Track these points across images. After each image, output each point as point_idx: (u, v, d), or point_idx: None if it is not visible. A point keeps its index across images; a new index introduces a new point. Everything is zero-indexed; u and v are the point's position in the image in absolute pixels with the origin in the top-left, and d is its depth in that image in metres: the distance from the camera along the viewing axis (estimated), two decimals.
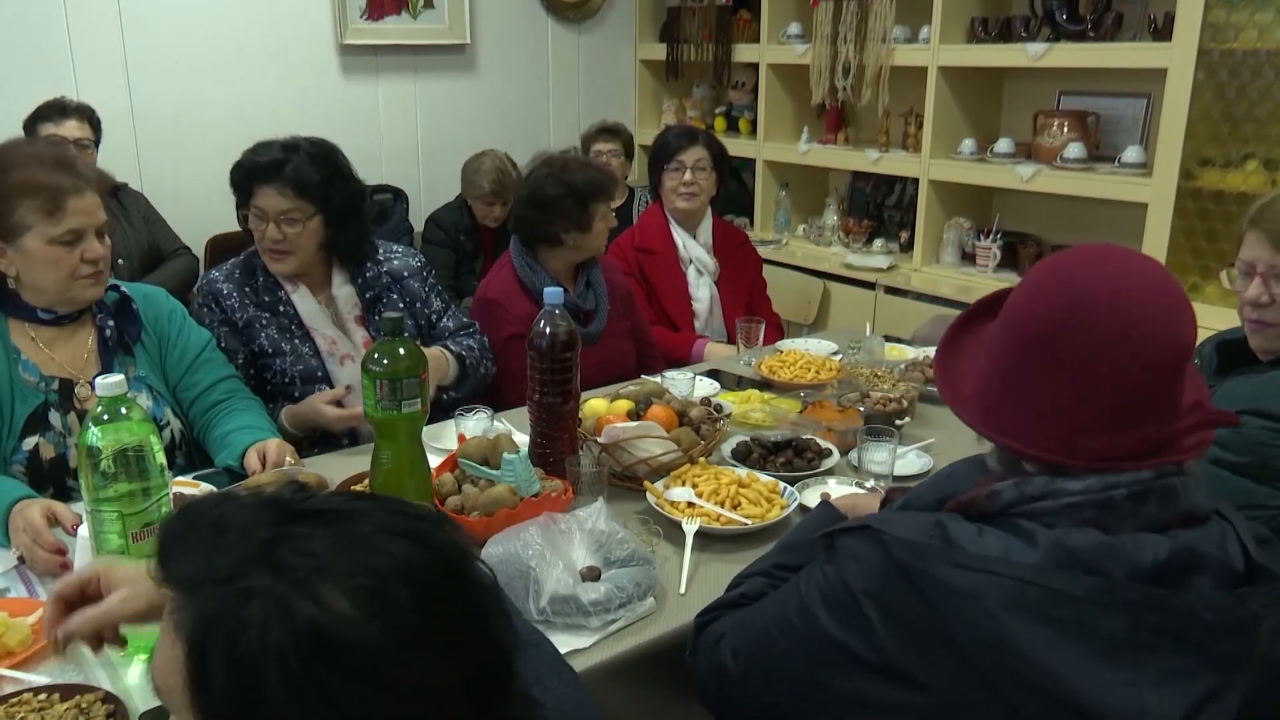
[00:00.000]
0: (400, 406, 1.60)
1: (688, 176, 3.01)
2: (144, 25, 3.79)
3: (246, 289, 2.23)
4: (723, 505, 1.74)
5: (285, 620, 0.66)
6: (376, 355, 1.60)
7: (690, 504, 1.74)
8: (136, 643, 1.36)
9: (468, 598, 0.74)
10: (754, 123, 4.64)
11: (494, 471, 1.69)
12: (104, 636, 1.09)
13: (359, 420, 2.09)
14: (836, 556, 1.11)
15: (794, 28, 4.34)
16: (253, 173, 2.13)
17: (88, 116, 3.53)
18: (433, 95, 4.47)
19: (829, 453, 1.99)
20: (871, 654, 1.04)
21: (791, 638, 1.13)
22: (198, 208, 3.76)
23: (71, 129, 3.46)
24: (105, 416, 1.30)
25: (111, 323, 1.92)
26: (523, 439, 1.93)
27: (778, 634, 1.16)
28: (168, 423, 1.97)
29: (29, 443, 1.81)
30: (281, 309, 2.23)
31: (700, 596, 1.54)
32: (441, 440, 2.03)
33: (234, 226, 3.85)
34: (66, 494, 1.83)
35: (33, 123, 3.47)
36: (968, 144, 3.75)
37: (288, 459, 1.81)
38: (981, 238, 3.79)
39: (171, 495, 1.43)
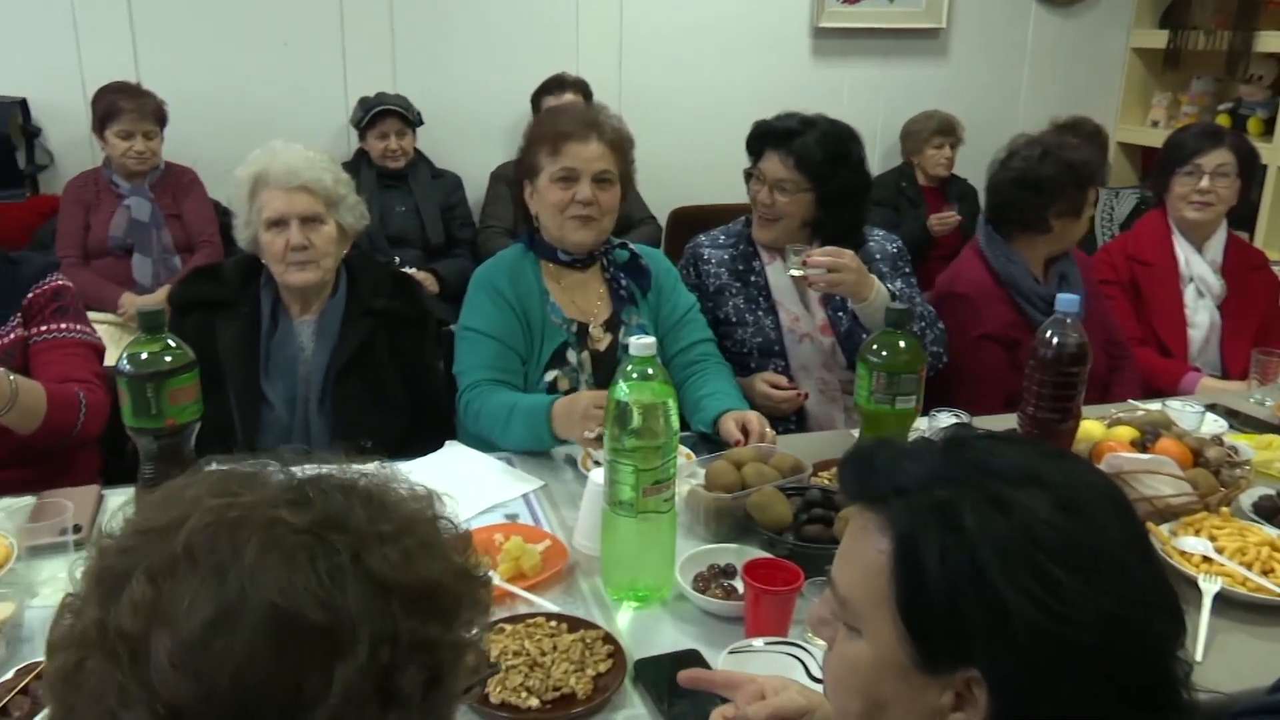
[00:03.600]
0: (894, 401, 1.55)
1: (1204, 184, 2.63)
2: (641, 6, 4.06)
3: (726, 256, 2.31)
4: (1249, 568, 1.49)
5: (1002, 515, 0.74)
6: (876, 346, 1.56)
7: (1207, 559, 1.51)
8: (623, 592, 1.44)
9: (1140, 523, 0.81)
10: (1268, 122, 4.00)
11: None
12: None
13: (795, 403, 2.14)
14: None
15: None
16: (765, 136, 2.21)
17: (582, 89, 3.86)
18: (899, 81, 4.37)
19: None
20: None
21: None
22: (666, 179, 3.97)
23: (567, 101, 3.79)
24: (634, 375, 1.37)
25: (623, 276, 2.10)
26: None
27: None
28: None
29: (550, 375, 2.03)
30: (753, 279, 2.28)
31: (1220, 669, 1.32)
32: None
33: (696, 200, 4.07)
34: None
35: (538, 96, 3.87)
36: None
37: (768, 432, 1.82)
38: None
39: None
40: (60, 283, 1.97)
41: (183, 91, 3.52)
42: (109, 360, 2.09)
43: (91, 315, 3.18)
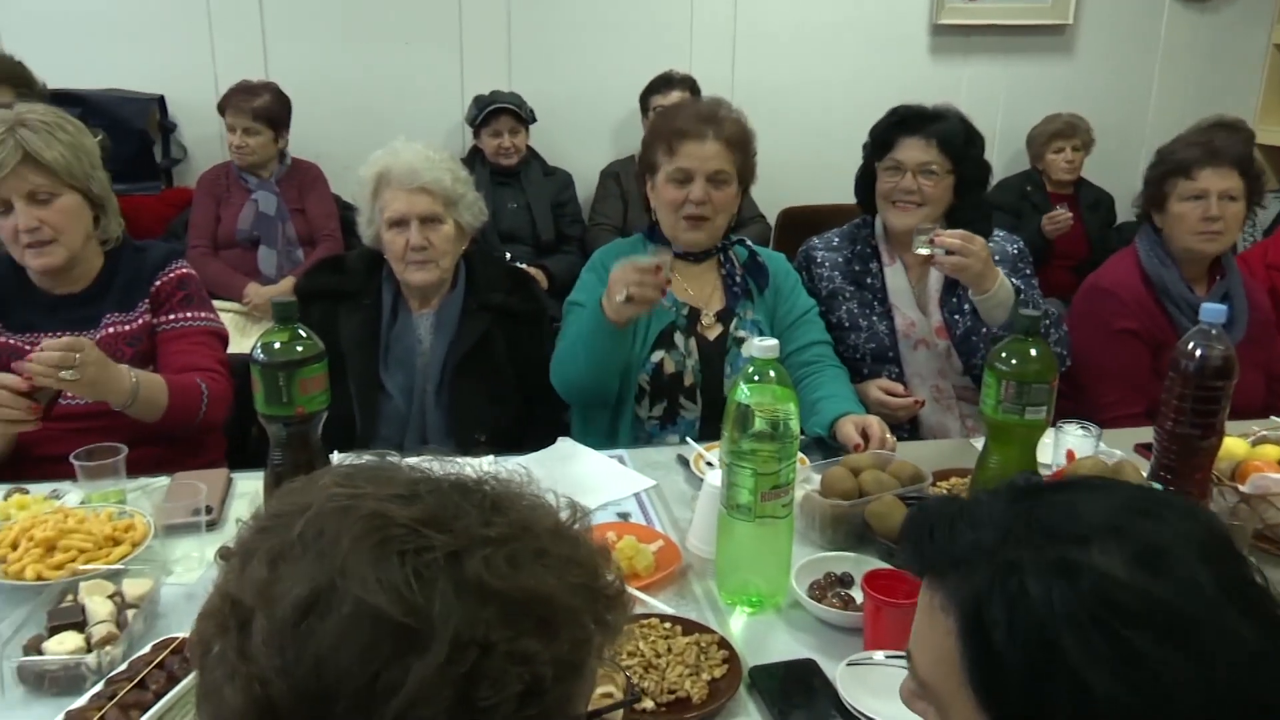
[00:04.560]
0: (1023, 411, 1.49)
1: None
2: (755, 4, 4.03)
3: (840, 259, 2.27)
4: None
5: (1070, 582, 0.65)
6: (1005, 354, 1.50)
7: None
8: (737, 597, 1.42)
9: (1245, 563, 0.70)
10: None
11: None
12: None
13: (911, 410, 2.10)
14: None
15: None
16: (905, 120, 2.18)
17: (690, 87, 3.84)
18: (1021, 78, 4.23)
19: None
20: None
21: None
22: (777, 179, 3.89)
23: (674, 99, 3.78)
24: (756, 377, 1.35)
25: (740, 272, 2.10)
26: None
27: None
28: None
29: (656, 356, 2.04)
30: (869, 281, 2.23)
31: None
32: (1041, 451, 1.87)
33: (807, 200, 4.01)
34: (678, 409, 2.05)
35: (647, 95, 3.87)
36: None
37: (888, 438, 1.78)
38: None
39: None
40: (184, 271, 2.03)
41: (308, 88, 3.64)
42: (234, 348, 2.18)
43: (218, 304, 3.32)
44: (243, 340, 3.25)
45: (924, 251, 1.99)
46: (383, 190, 2.03)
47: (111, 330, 1.93)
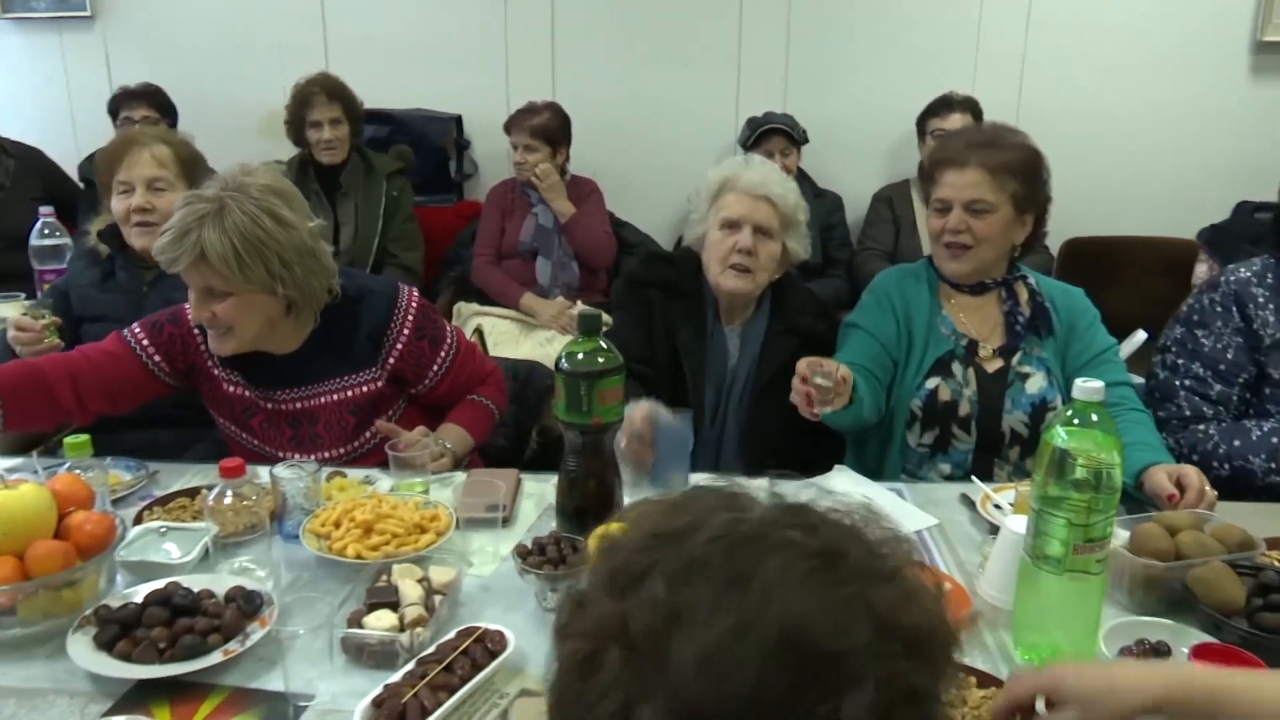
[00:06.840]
0: None
1: None
2: (1049, 22, 3.82)
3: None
4: None
5: None
6: None
7: None
8: (1036, 653, 1.33)
9: None
10: None
11: None
12: None
13: None
14: None
15: None
16: None
17: (972, 109, 3.69)
18: None
19: None
20: None
21: None
22: (1063, 208, 3.63)
23: (954, 123, 3.64)
24: (1076, 421, 1.25)
25: (1025, 310, 2.01)
26: None
27: None
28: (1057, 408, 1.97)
29: (931, 383, 1.98)
30: None
31: None
32: None
33: (1095, 231, 3.74)
34: (950, 439, 1.99)
35: (924, 118, 3.74)
36: None
37: (1208, 491, 1.62)
38: None
39: None
40: (411, 315, 1.93)
41: (590, 109, 3.79)
42: (508, 352, 2.27)
43: (496, 310, 3.52)
44: (515, 346, 3.42)
45: None
46: (725, 192, 2.09)
47: (336, 397, 1.91)
